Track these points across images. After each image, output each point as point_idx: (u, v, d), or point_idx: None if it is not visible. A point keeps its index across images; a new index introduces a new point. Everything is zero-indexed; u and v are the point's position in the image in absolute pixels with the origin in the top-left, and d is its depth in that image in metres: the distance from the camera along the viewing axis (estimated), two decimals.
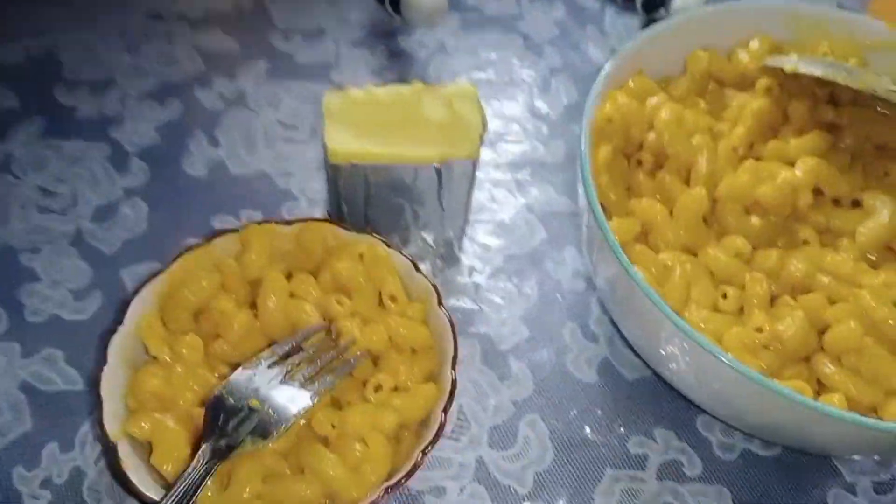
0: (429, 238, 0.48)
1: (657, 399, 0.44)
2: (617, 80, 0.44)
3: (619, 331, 0.46)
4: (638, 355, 0.45)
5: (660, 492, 0.41)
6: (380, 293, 0.40)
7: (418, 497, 0.40)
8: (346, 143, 0.42)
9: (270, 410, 0.35)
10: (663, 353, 0.39)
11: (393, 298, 0.39)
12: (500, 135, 0.56)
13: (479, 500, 0.40)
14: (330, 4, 0.63)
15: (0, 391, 0.42)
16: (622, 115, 0.42)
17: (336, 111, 0.43)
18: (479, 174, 0.46)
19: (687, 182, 0.42)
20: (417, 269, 0.41)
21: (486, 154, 0.54)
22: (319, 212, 0.50)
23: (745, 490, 0.42)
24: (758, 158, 0.44)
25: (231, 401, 0.35)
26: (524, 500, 0.40)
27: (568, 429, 0.43)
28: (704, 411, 0.43)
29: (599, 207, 0.38)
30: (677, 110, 0.43)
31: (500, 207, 0.52)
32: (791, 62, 0.45)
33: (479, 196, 0.51)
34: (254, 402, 0.35)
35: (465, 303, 0.47)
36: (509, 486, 0.41)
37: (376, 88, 0.44)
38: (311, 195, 0.51)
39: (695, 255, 0.41)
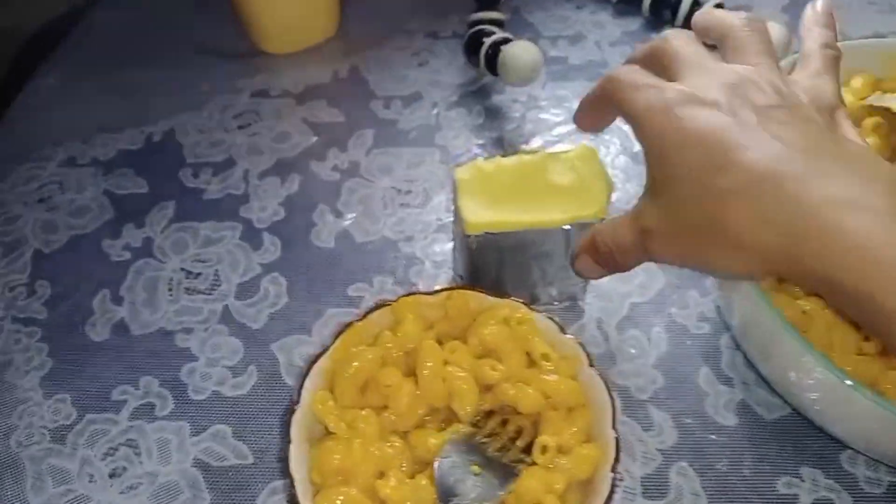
0: (554, 293, 0.50)
1: (798, 438, 0.45)
2: None
3: (753, 371, 0.47)
4: (775, 394, 0.46)
5: None
6: (528, 354, 0.42)
7: None
8: (480, 215, 0.44)
9: (492, 477, 0.37)
10: (810, 396, 0.40)
11: (545, 357, 0.41)
12: None
13: None
14: (422, 68, 0.66)
15: (176, 469, 0.44)
16: None
17: (468, 183, 0.45)
18: None
19: None
20: (563, 331, 0.43)
21: None
22: (445, 274, 0.53)
23: None
24: None
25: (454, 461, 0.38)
26: None
27: (716, 473, 0.44)
28: (848, 447, 0.44)
29: None
30: None
31: None
32: None
33: None
34: (475, 468, 0.38)
35: (599, 352, 0.49)
36: None
37: (503, 159, 0.46)
38: (434, 258, 0.54)
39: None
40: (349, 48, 0.69)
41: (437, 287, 0.45)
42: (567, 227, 0.45)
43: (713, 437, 0.45)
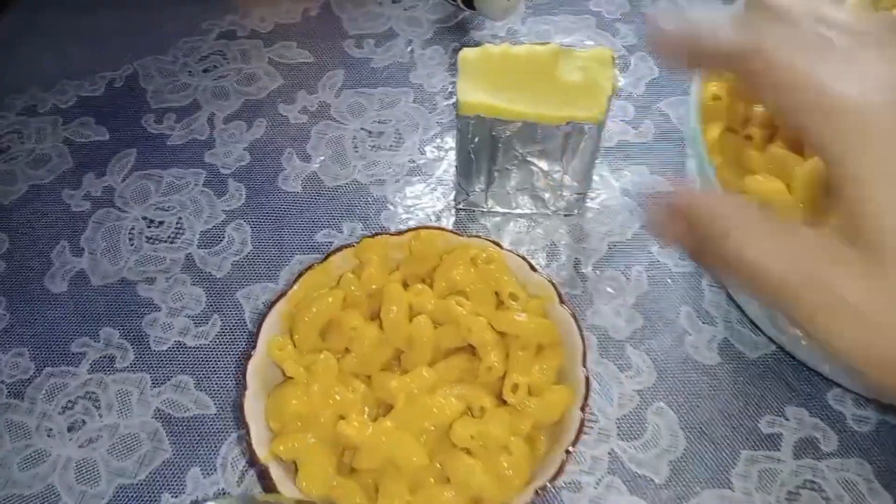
0: (551, 199, 0.49)
1: (783, 376, 0.44)
2: None
3: (736, 310, 0.45)
4: (759, 333, 0.44)
5: (798, 470, 0.41)
6: (497, 295, 0.40)
7: (557, 494, 0.40)
8: (476, 97, 0.42)
9: None
10: (798, 331, 0.38)
11: (513, 297, 0.39)
12: None
13: (617, 491, 0.40)
14: (396, 5, 0.63)
15: (136, 422, 0.43)
16: (731, 93, 0.41)
17: (471, 65, 0.43)
18: None
19: (800, 153, 0.41)
20: (534, 269, 0.41)
21: None
22: (416, 218, 0.50)
23: (885, 460, 0.41)
24: None
25: None
26: (661, 488, 0.40)
27: (697, 415, 0.42)
28: (834, 384, 0.43)
29: (718, 186, 0.38)
30: None
31: (596, 194, 0.51)
32: None
33: None
34: None
35: (574, 295, 0.47)
36: (645, 476, 0.40)
37: (514, 47, 0.44)
38: (406, 202, 0.51)
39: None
40: None
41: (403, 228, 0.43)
42: (564, 125, 0.43)
43: (693, 376, 0.44)
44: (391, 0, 0.64)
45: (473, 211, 0.50)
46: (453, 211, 0.51)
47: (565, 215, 0.50)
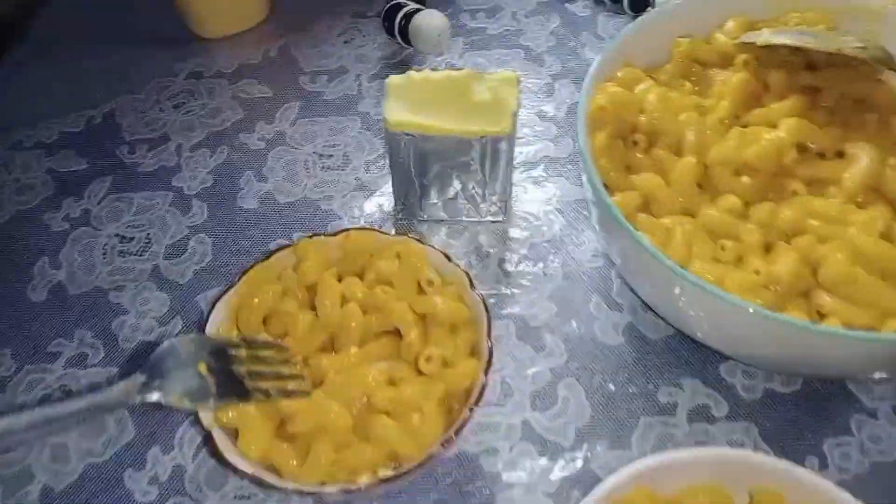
0: (477, 209, 0.55)
1: (680, 353, 0.49)
2: (606, 73, 0.50)
3: (639, 298, 0.50)
4: (659, 317, 0.50)
5: (691, 433, 0.46)
6: (419, 283, 0.46)
7: (475, 458, 0.45)
8: (402, 115, 0.49)
9: (213, 384, 0.40)
10: (677, 306, 0.44)
11: (430, 282, 0.45)
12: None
13: (528, 455, 0.45)
14: (347, 43, 0.71)
15: None
16: (613, 102, 0.47)
17: (397, 89, 0.50)
18: None
19: (679, 155, 0.47)
20: (449, 259, 0.46)
21: None
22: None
23: (770, 423, 0.46)
24: (744, 126, 0.48)
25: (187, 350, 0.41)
26: (568, 451, 0.45)
27: (602, 388, 0.48)
28: (726, 358, 0.48)
29: (601, 185, 0.44)
30: (663, 92, 0.48)
31: (520, 204, 0.57)
32: (763, 36, 0.50)
33: None
34: (202, 366, 0.40)
35: (498, 289, 0.52)
36: (554, 441, 0.45)
37: (433, 72, 0.51)
38: (352, 213, 0.57)
39: (693, 217, 0.45)
40: (280, 30, 0.73)
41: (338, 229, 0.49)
42: (479, 139, 0.49)
43: (600, 356, 0.49)
44: (343, 41, 0.71)
45: (410, 220, 0.56)
46: (392, 221, 0.57)
47: (492, 222, 0.56)
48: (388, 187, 0.59)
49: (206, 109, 0.66)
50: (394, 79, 0.51)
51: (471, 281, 0.45)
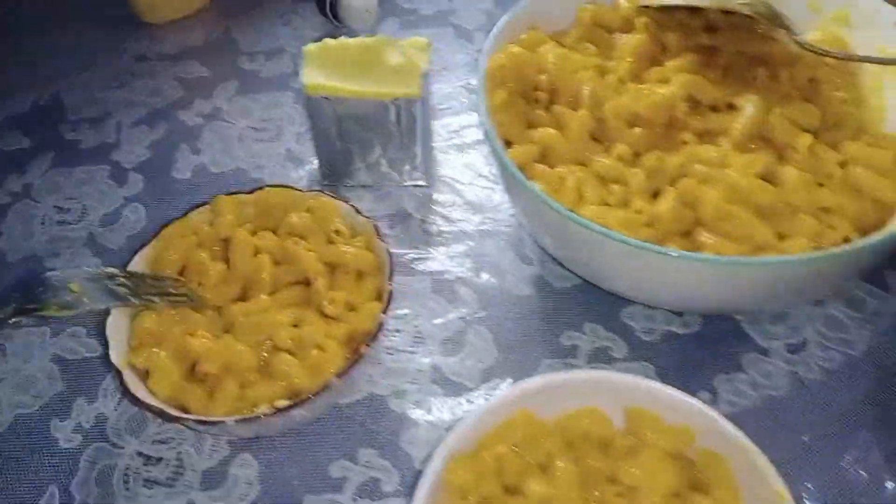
0: (397, 173, 0.57)
1: (585, 301, 0.51)
2: (509, 36, 0.52)
3: (546, 252, 0.53)
4: (566, 269, 0.52)
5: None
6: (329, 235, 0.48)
7: (384, 400, 0.47)
8: (319, 80, 0.52)
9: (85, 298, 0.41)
10: (569, 248, 0.46)
11: (337, 232, 0.47)
12: (442, 110, 0.65)
13: (434, 395, 0.47)
14: (286, 25, 0.73)
15: (36, 365, 0.50)
16: (513, 62, 0.50)
17: (314, 56, 0.53)
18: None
19: (577, 111, 0.50)
20: (359, 213, 0.49)
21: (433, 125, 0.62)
22: None
23: (666, 362, 0.48)
24: (642, 84, 0.51)
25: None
26: (472, 390, 0.47)
27: (509, 334, 0.50)
28: (628, 303, 0.50)
29: (496, 138, 0.46)
30: (563, 52, 0.51)
31: (445, 170, 0.60)
32: None
33: None
34: (75, 286, 0.41)
35: (417, 248, 0.55)
36: (460, 382, 0.48)
37: (349, 39, 0.53)
38: (281, 179, 0.60)
39: (587, 166, 0.48)
40: (222, 15, 0.76)
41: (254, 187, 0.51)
42: (393, 101, 0.51)
43: (509, 305, 0.51)
44: (282, 24, 0.74)
45: (337, 186, 0.59)
46: (320, 188, 0.59)
47: (416, 186, 0.58)
48: (315, 156, 0.61)
49: (147, 89, 0.68)
50: (311, 47, 0.54)
51: (377, 231, 0.48)
